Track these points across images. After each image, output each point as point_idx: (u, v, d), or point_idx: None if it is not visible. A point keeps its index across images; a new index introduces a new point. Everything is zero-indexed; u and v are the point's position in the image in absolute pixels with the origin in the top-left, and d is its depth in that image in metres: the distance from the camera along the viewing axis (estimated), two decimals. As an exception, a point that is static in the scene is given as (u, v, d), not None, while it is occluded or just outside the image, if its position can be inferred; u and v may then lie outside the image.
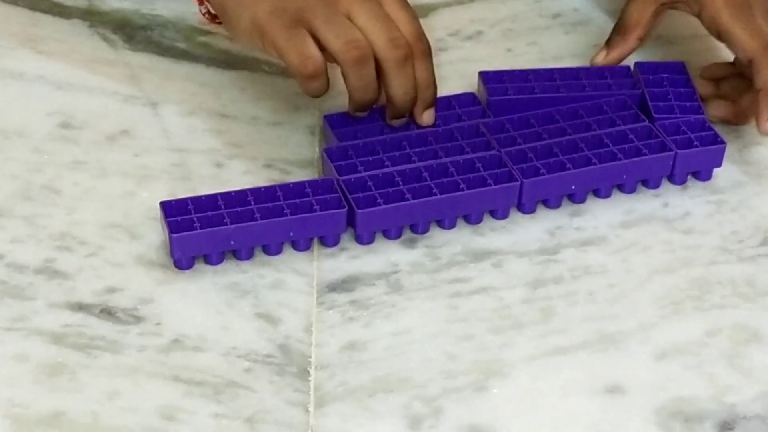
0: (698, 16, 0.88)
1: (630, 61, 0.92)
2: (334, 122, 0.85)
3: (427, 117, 0.84)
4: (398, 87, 0.81)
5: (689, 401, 0.72)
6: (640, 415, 0.71)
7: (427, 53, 0.82)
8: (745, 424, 0.70)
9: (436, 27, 1.00)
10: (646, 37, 0.91)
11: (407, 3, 0.82)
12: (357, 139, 0.84)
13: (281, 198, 0.79)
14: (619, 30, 0.91)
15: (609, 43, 0.92)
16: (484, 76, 0.89)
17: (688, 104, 0.88)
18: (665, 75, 0.90)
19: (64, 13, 0.99)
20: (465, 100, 0.88)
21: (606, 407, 0.71)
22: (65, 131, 0.88)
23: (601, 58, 0.92)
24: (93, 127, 0.89)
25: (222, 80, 0.93)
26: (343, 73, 0.80)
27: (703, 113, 0.87)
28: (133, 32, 0.97)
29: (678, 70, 0.91)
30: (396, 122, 0.84)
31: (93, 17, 0.99)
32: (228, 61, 0.95)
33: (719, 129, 0.87)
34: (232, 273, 0.78)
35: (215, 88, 0.93)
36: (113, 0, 1.00)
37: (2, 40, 0.96)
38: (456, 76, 0.95)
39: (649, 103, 0.87)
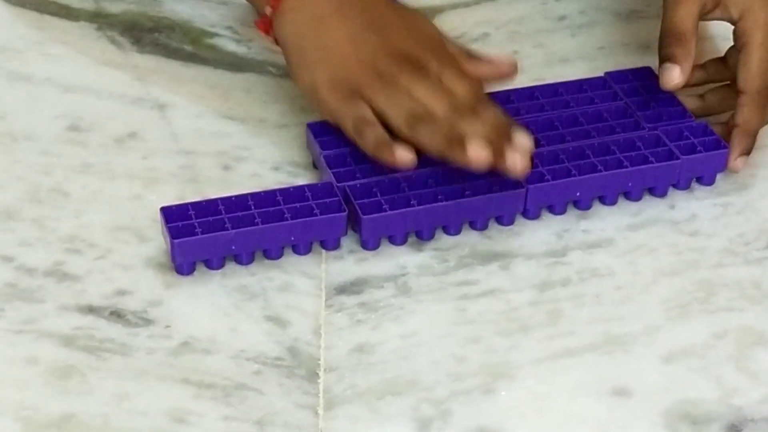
0: (734, 21, 0.86)
1: (599, 72, 0.92)
2: (317, 131, 0.85)
3: (510, 160, 0.78)
4: (473, 134, 0.78)
5: (696, 404, 0.72)
6: (647, 417, 0.71)
7: (489, 102, 0.81)
8: (753, 426, 0.71)
9: (442, 29, 1.00)
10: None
11: (463, 71, 0.82)
12: (339, 148, 0.84)
13: (281, 202, 0.79)
14: (675, 41, 0.85)
15: (672, 58, 0.84)
16: None
17: (672, 109, 0.88)
18: (638, 82, 0.89)
19: (72, 15, 0.99)
20: None
21: (613, 409, 0.71)
22: (73, 134, 0.88)
23: (677, 76, 0.84)
24: (101, 130, 0.89)
25: (229, 83, 0.94)
26: (410, 139, 0.79)
27: (690, 116, 0.87)
28: (140, 35, 0.98)
29: (648, 76, 0.90)
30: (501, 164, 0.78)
31: (101, 20, 0.99)
32: (235, 64, 0.95)
33: (723, 133, 0.87)
34: (241, 276, 0.78)
35: (223, 90, 0.93)
36: (121, 2, 1.00)
37: (10, 42, 0.97)
38: (462, 78, 0.95)
39: (636, 113, 0.87)
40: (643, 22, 1.02)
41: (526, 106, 0.88)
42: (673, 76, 0.84)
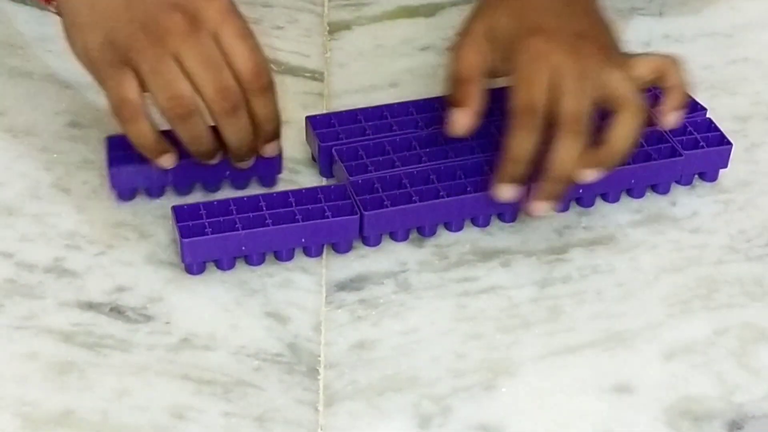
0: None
1: None
2: (317, 123, 0.85)
3: (269, 149, 0.80)
4: (231, 135, 0.77)
5: (698, 400, 0.72)
6: (648, 414, 0.71)
7: (267, 88, 0.77)
8: (754, 423, 0.70)
9: (443, 26, 1.00)
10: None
11: (247, 30, 0.76)
12: (339, 141, 0.84)
13: (293, 204, 0.79)
14: (457, 84, 0.81)
15: (456, 103, 0.81)
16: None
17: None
18: None
19: (72, 12, 0.99)
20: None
21: (614, 406, 0.71)
22: (74, 130, 0.88)
23: (462, 119, 0.80)
24: (101, 126, 0.89)
25: (230, 79, 0.93)
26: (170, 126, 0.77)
27: (701, 109, 0.87)
28: (141, 31, 0.97)
29: None
30: (240, 165, 0.80)
31: (101, 16, 0.99)
32: (236, 60, 0.95)
33: (725, 129, 0.87)
34: (241, 272, 0.78)
35: (223, 87, 0.93)
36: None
37: (11, 38, 0.96)
38: (463, 75, 0.95)
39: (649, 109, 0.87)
40: (644, 19, 1.01)
41: None
42: (459, 120, 0.81)
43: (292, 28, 0.99)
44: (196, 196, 0.82)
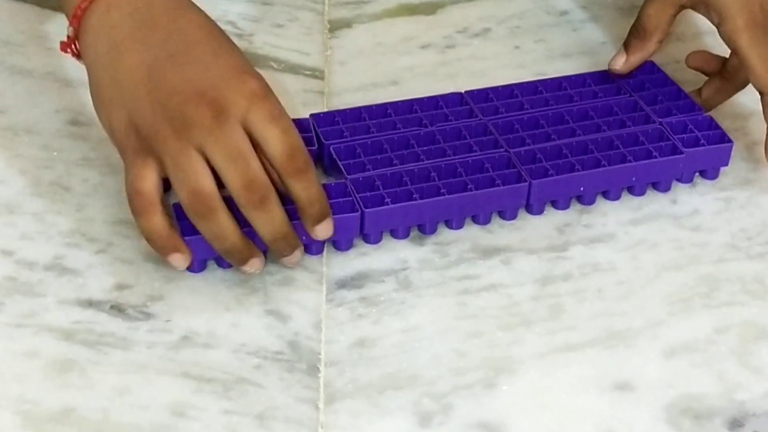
0: (717, 27, 0.85)
1: (601, 67, 0.92)
2: (320, 121, 0.85)
3: (321, 231, 0.75)
4: (262, 228, 0.73)
5: (698, 398, 0.72)
6: (649, 412, 0.71)
7: (303, 169, 0.73)
8: (755, 421, 0.70)
9: (444, 24, 1.00)
10: (665, 39, 0.88)
11: (278, 111, 0.73)
12: (343, 139, 0.83)
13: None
14: (637, 33, 0.87)
15: (627, 47, 0.88)
16: (469, 96, 0.88)
17: (680, 102, 0.88)
18: (643, 77, 0.90)
19: (73, 10, 0.99)
20: (452, 100, 0.88)
21: (615, 404, 0.71)
22: (74, 128, 0.88)
23: (621, 63, 0.88)
24: (101, 124, 0.89)
25: (230, 77, 0.93)
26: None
27: (697, 108, 0.87)
28: (141, 29, 0.97)
29: (651, 70, 0.90)
30: (286, 262, 0.77)
31: (101, 14, 0.98)
32: (236, 58, 0.95)
33: (726, 127, 0.87)
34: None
35: (224, 85, 0.93)
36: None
37: (11, 36, 0.96)
38: (464, 73, 0.95)
39: (646, 108, 0.87)
40: (646, 17, 1.01)
41: (530, 100, 0.87)
42: (617, 62, 0.89)
43: (292, 26, 0.99)
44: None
